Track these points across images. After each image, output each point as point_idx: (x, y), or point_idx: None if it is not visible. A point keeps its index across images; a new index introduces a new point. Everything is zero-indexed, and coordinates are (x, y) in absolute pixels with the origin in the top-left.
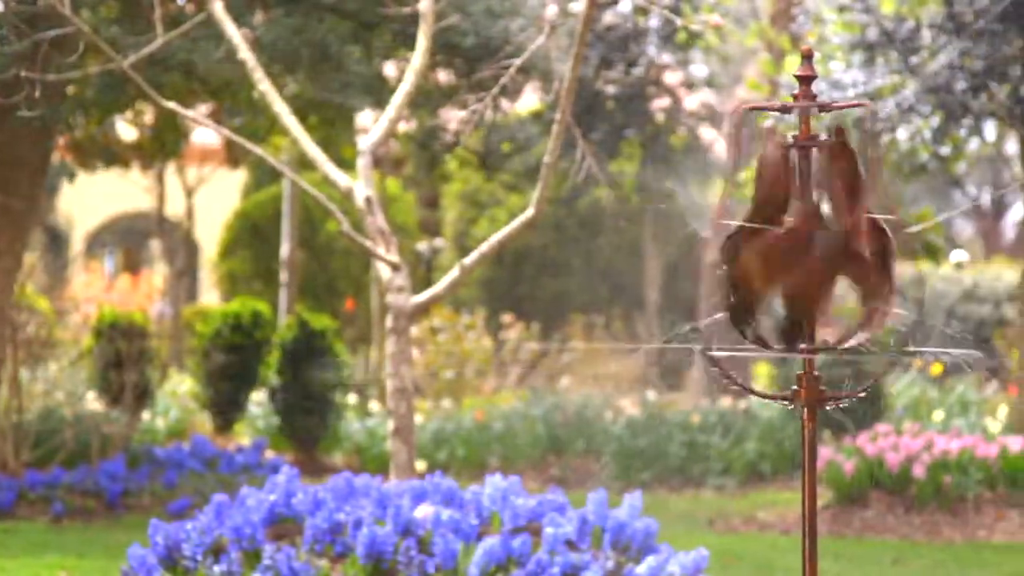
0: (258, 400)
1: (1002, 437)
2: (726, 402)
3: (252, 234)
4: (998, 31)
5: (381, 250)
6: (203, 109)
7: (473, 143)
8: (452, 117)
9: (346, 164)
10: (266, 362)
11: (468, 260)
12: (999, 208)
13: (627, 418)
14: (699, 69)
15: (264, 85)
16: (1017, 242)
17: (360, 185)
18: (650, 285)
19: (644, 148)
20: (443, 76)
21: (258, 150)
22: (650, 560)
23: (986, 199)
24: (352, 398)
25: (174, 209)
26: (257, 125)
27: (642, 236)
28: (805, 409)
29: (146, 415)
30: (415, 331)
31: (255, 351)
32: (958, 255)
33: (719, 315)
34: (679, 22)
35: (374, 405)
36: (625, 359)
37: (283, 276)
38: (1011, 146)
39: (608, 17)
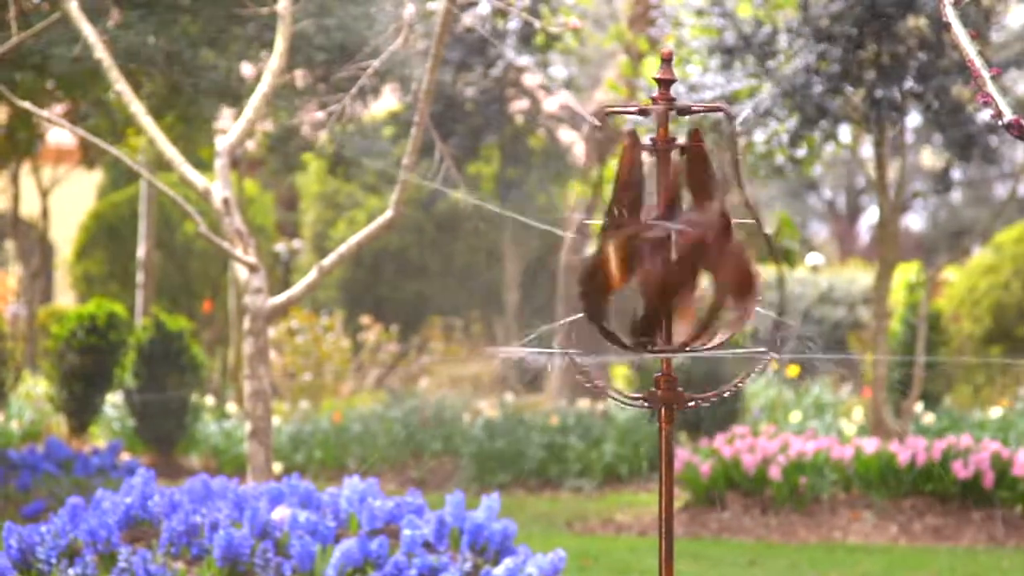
0: (114, 402)
1: (857, 439)
2: (584, 404)
3: (108, 235)
4: (853, 36)
5: (239, 251)
6: (58, 109)
7: (329, 145)
8: (310, 118)
9: (203, 165)
10: (122, 364)
11: (326, 262)
12: (854, 211)
13: (485, 420)
14: (558, 71)
15: (120, 85)
16: (872, 245)
17: (217, 186)
18: (509, 287)
19: (503, 150)
20: (301, 77)
21: (114, 150)
22: (508, 562)
23: (841, 202)
24: (209, 400)
25: (29, 210)
26: (114, 123)
27: (501, 238)
28: (662, 411)
29: (0, 417)
30: (273, 333)
31: (111, 353)
32: (814, 258)
33: (576, 316)
34: (537, 24)
35: (231, 407)
36: (484, 361)
37: (139, 277)
38: (866, 149)
39: (467, 19)
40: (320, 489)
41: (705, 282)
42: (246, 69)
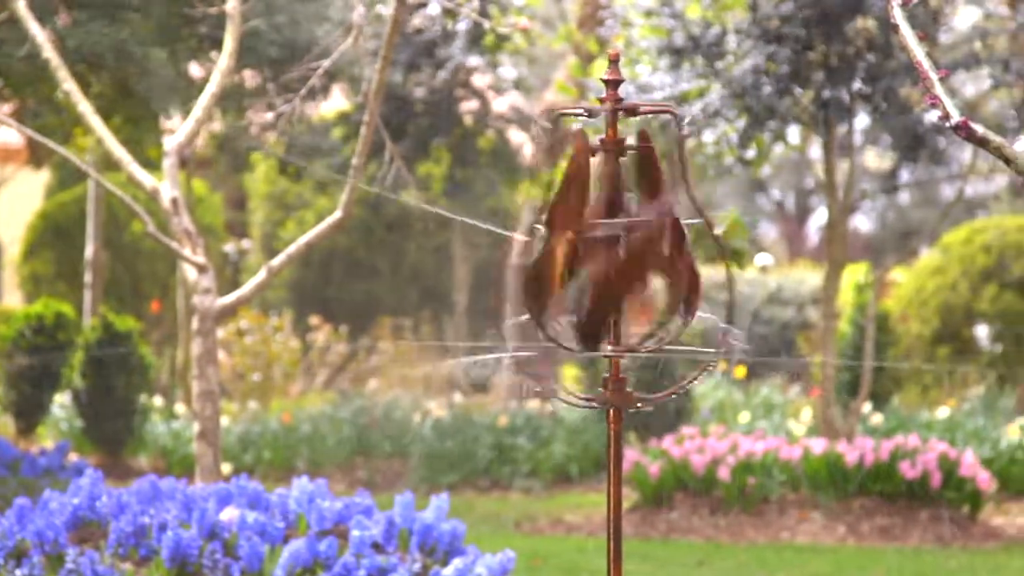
0: (62, 402)
1: (805, 439)
2: (533, 404)
3: (56, 235)
4: (802, 37)
5: (187, 251)
6: (5, 108)
7: (278, 146)
8: (259, 118)
9: (152, 164)
10: (70, 364)
11: (275, 262)
12: (803, 212)
13: (434, 420)
14: (508, 72)
15: (68, 85)
16: (820, 246)
17: (166, 186)
18: (458, 288)
19: (453, 151)
20: (250, 77)
21: (62, 150)
22: (457, 562)
23: (790, 203)
24: (157, 400)
25: None
26: (62, 121)
27: (451, 239)
28: (611, 411)
29: None
30: (222, 333)
31: (59, 353)
32: (763, 258)
33: (524, 317)
34: (487, 25)
35: (180, 407)
36: (433, 361)
37: (87, 277)
38: (815, 150)
39: (417, 20)
40: (269, 490)
41: (654, 283)
42: (195, 69)
